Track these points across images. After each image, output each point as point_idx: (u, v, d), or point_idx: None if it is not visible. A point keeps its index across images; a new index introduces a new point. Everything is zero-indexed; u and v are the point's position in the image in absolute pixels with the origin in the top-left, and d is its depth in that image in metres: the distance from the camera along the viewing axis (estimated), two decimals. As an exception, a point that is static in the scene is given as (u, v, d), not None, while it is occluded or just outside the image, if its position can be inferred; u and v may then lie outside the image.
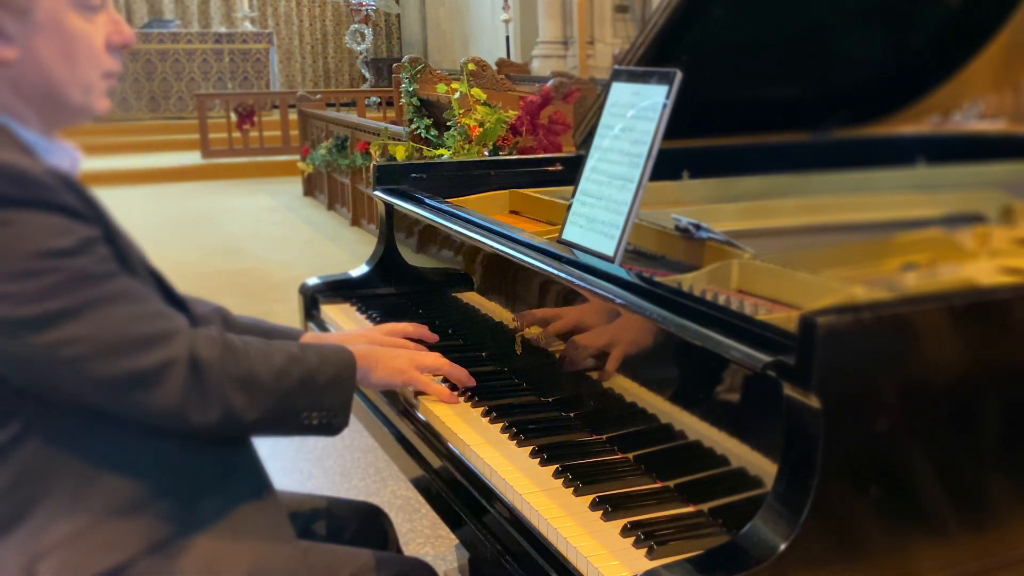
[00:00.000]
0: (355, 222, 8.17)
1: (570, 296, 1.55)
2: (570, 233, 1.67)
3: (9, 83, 1.22)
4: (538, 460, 1.40)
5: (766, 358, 1.10)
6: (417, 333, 1.78)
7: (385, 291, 2.25)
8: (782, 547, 1.03)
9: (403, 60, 6.77)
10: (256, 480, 1.40)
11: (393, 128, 6.83)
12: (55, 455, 1.24)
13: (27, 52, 1.21)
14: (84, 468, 1.25)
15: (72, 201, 1.18)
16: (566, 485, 1.33)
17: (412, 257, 2.20)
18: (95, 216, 1.21)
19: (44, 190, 1.15)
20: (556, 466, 1.37)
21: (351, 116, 9.52)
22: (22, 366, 1.18)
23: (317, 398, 1.36)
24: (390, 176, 2.24)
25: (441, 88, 3.99)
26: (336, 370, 1.39)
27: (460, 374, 1.64)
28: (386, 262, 2.26)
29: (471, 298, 1.90)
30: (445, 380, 1.66)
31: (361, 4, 15.70)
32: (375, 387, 1.65)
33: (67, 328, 1.16)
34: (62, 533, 1.24)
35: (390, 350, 1.59)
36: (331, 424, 1.39)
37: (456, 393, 1.64)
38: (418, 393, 1.64)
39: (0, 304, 1.14)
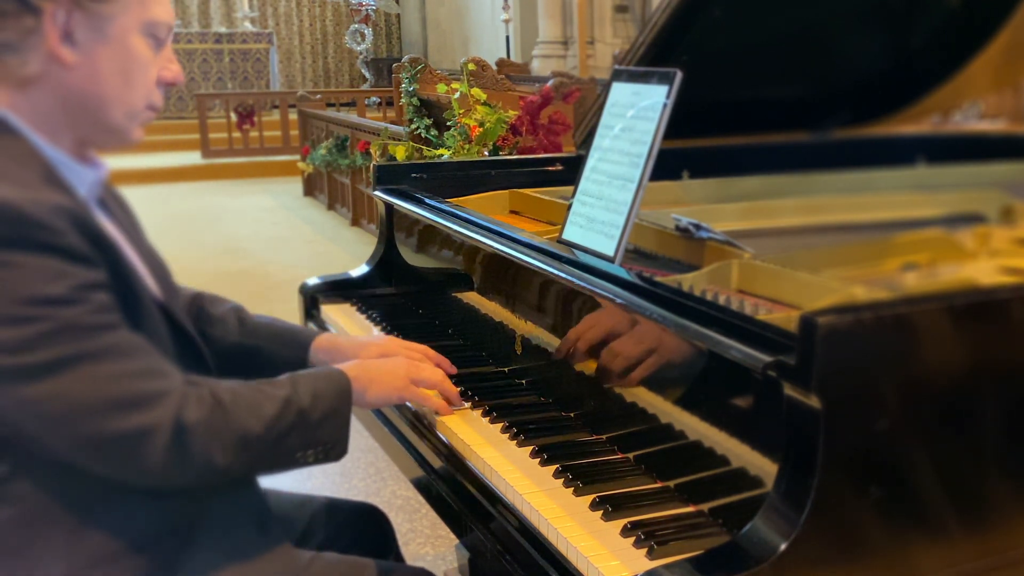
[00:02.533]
0: (355, 222, 8.17)
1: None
2: (570, 233, 1.67)
3: (56, 91, 1.20)
4: (538, 460, 1.40)
5: (766, 358, 1.10)
6: (433, 356, 1.65)
7: (385, 291, 2.25)
8: (782, 547, 1.03)
9: (403, 60, 6.77)
10: (260, 517, 1.38)
11: (393, 128, 6.82)
12: (49, 497, 1.20)
13: (88, 61, 1.20)
14: (79, 512, 1.21)
15: (75, 243, 1.13)
16: (566, 485, 1.33)
17: (412, 257, 2.20)
18: (101, 258, 1.17)
19: (41, 232, 1.11)
20: (556, 466, 1.37)
21: (351, 116, 9.52)
22: (2, 416, 1.14)
23: (312, 435, 1.32)
24: (390, 176, 2.24)
25: (441, 88, 3.99)
26: (331, 403, 1.35)
27: (452, 393, 1.58)
28: (386, 262, 2.26)
29: (471, 298, 1.90)
30: None
31: (361, 4, 15.69)
32: (371, 407, 1.60)
33: (49, 383, 1.11)
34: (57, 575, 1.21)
35: (386, 363, 1.52)
36: (328, 456, 1.35)
37: (452, 408, 1.58)
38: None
39: None
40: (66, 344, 1.12)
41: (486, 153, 3.57)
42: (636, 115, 1.60)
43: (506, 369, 1.75)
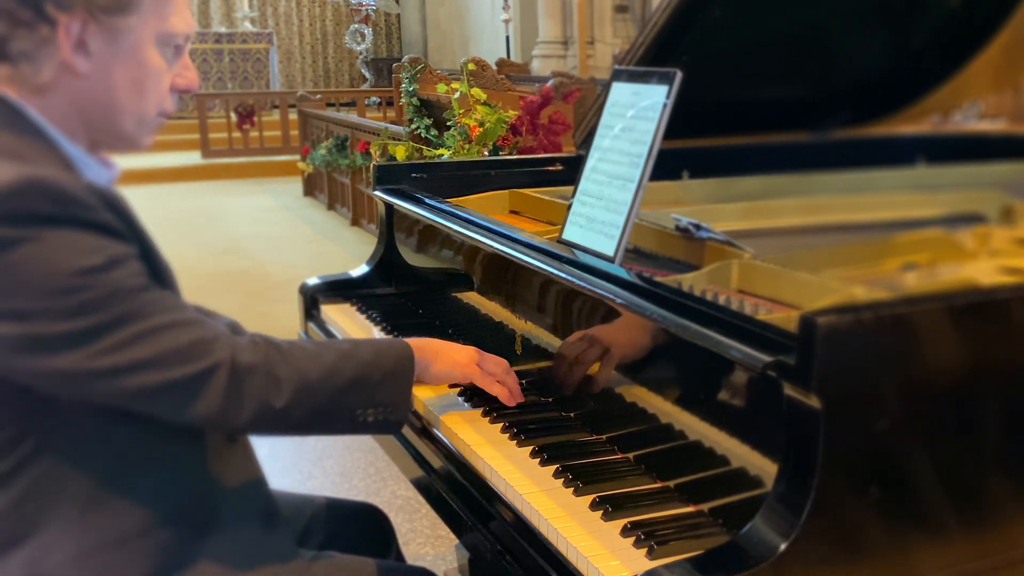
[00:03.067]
0: (355, 222, 8.17)
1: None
2: (570, 233, 1.67)
3: (69, 97, 1.22)
4: (538, 460, 1.40)
5: (766, 358, 1.10)
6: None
7: (385, 291, 2.25)
8: (782, 547, 1.03)
9: (403, 60, 6.78)
10: (265, 509, 1.39)
11: (393, 128, 6.83)
12: (66, 475, 1.22)
13: (101, 71, 1.22)
14: (93, 490, 1.23)
15: (108, 219, 1.17)
16: (566, 485, 1.33)
17: (412, 257, 2.20)
18: (132, 234, 1.21)
19: (80, 207, 1.15)
20: (556, 466, 1.37)
21: (351, 116, 9.51)
22: (61, 381, 1.17)
23: (372, 394, 1.34)
24: (390, 176, 2.24)
25: (441, 88, 3.99)
26: (393, 364, 1.37)
27: (514, 386, 1.57)
28: (386, 262, 2.26)
29: (471, 298, 1.90)
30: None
31: (361, 4, 15.70)
32: (434, 380, 1.56)
33: (104, 341, 1.15)
34: (66, 555, 1.22)
35: (452, 344, 1.55)
36: (388, 420, 1.36)
37: (513, 398, 1.56)
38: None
39: (37, 321, 1.13)
40: (116, 305, 1.16)
41: (486, 153, 3.58)
42: (636, 115, 1.60)
43: (506, 369, 1.75)
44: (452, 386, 1.66)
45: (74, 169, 1.22)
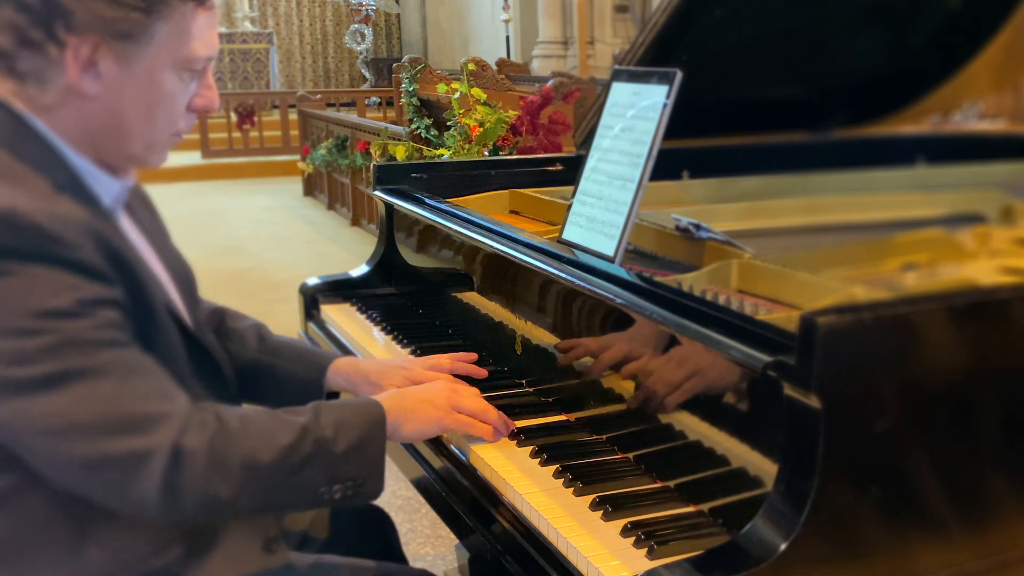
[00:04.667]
0: (355, 222, 8.16)
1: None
2: (570, 233, 1.67)
3: (78, 116, 1.18)
4: (538, 460, 1.40)
5: (766, 358, 1.10)
6: (461, 368, 1.60)
7: (385, 291, 2.25)
8: (782, 547, 1.03)
9: (403, 60, 6.78)
10: (267, 534, 1.35)
11: (393, 128, 6.83)
12: (56, 507, 1.17)
13: (111, 94, 1.18)
14: (84, 523, 1.19)
15: (88, 257, 1.11)
16: (566, 485, 1.33)
17: (412, 257, 2.20)
18: (117, 274, 1.15)
19: (52, 244, 1.09)
20: (556, 466, 1.37)
21: (351, 116, 9.51)
22: (6, 429, 1.11)
23: (336, 469, 1.23)
24: (390, 176, 2.24)
25: (441, 88, 3.99)
26: (359, 433, 1.25)
27: (498, 420, 1.46)
28: (386, 262, 2.26)
29: (471, 298, 1.90)
30: None
31: (361, 4, 15.69)
32: (407, 440, 1.51)
33: (47, 397, 1.08)
34: None
35: (423, 391, 1.43)
36: (359, 494, 1.26)
37: (500, 433, 1.46)
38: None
39: None
40: (67, 358, 1.09)
41: (486, 153, 3.58)
42: (636, 115, 1.60)
43: (506, 368, 1.75)
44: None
45: (80, 183, 1.18)
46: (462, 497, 1.48)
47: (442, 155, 3.81)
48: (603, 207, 1.61)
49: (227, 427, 1.17)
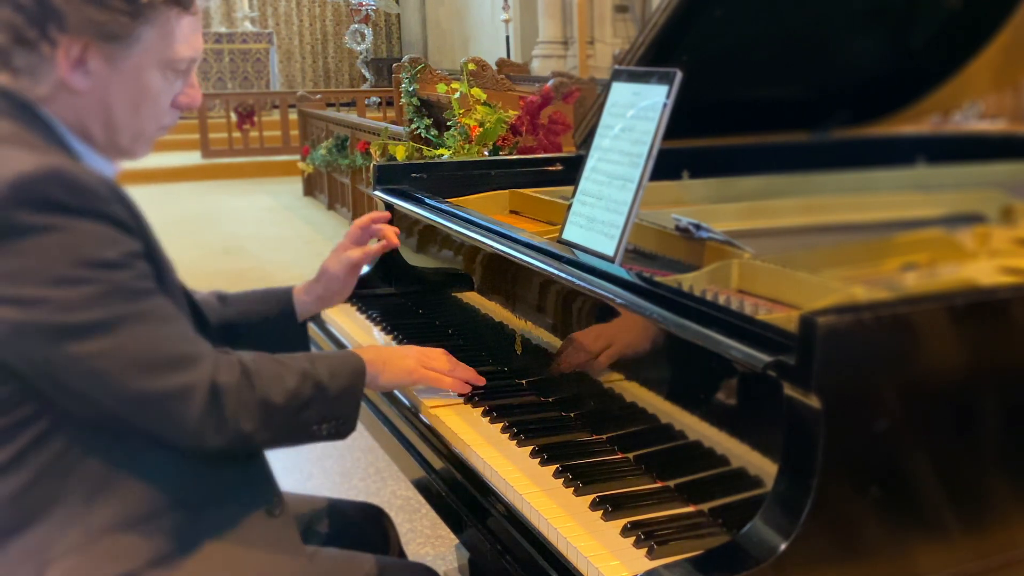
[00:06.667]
0: (355, 222, 8.16)
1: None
2: (570, 233, 1.67)
3: (68, 107, 1.26)
4: (538, 460, 1.40)
5: (766, 358, 1.10)
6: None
7: (385, 291, 2.25)
8: (782, 547, 1.03)
9: (403, 60, 6.77)
10: (266, 493, 1.40)
11: (393, 128, 6.82)
12: (74, 459, 1.24)
13: (100, 89, 1.25)
14: (100, 475, 1.25)
15: (121, 213, 1.20)
16: (566, 485, 1.33)
17: (412, 257, 2.20)
18: (139, 231, 1.24)
19: (97, 199, 1.18)
20: (556, 466, 1.37)
21: (351, 116, 9.52)
22: (50, 372, 1.19)
23: (328, 410, 1.37)
24: (390, 176, 2.24)
25: (441, 88, 3.99)
26: (347, 381, 1.40)
27: (468, 374, 1.62)
28: (386, 262, 2.25)
29: (471, 298, 1.90)
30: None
31: (361, 4, 15.69)
32: (383, 389, 1.66)
33: (99, 341, 1.17)
34: (72, 541, 1.24)
35: (398, 349, 1.59)
36: (339, 431, 1.39)
37: (468, 385, 1.62)
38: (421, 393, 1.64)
39: (38, 309, 1.15)
40: (117, 305, 1.18)
41: (486, 153, 3.58)
42: (636, 115, 1.60)
43: (506, 368, 1.75)
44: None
45: (81, 161, 1.25)
46: (462, 497, 1.48)
47: (442, 155, 3.80)
48: (603, 207, 1.61)
49: (247, 369, 1.29)
